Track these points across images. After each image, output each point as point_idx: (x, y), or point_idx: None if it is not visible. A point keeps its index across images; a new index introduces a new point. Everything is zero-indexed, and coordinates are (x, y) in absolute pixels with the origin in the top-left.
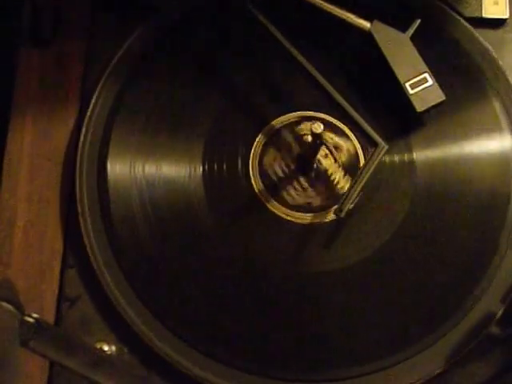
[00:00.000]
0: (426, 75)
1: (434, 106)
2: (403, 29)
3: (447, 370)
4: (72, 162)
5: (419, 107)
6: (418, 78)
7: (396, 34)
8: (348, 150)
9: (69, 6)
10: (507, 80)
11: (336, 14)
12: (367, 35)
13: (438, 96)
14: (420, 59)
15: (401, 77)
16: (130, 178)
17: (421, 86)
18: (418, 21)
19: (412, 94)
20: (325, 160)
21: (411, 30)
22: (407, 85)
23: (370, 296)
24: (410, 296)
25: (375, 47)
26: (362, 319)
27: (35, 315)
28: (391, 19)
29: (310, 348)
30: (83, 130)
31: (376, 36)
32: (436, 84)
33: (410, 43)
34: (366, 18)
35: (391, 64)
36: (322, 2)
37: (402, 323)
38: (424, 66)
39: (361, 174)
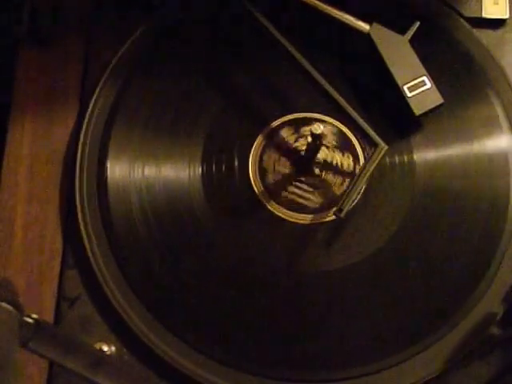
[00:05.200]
0: (425, 78)
1: (432, 110)
2: (403, 30)
3: (448, 371)
4: (72, 163)
5: (417, 110)
6: (416, 81)
7: (395, 36)
8: (331, 132)
9: (68, 6)
10: (507, 80)
11: (335, 15)
12: (366, 37)
13: (436, 99)
14: (418, 62)
15: (399, 79)
16: (130, 178)
17: (419, 89)
18: (417, 23)
19: (410, 97)
20: (320, 154)
21: (410, 33)
22: (405, 88)
23: (370, 296)
24: (409, 296)
25: (374, 49)
26: (362, 320)
27: (35, 315)
28: (391, 20)
29: (310, 348)
30: (83, 130)
31: (375, 38)
32: (434, 87)
33: (409, 46)
34: (365, 20)
35: (389, 67)
36: (320, 4)
37: (403, 324)
38: (422, 69)
39: (360, 174)
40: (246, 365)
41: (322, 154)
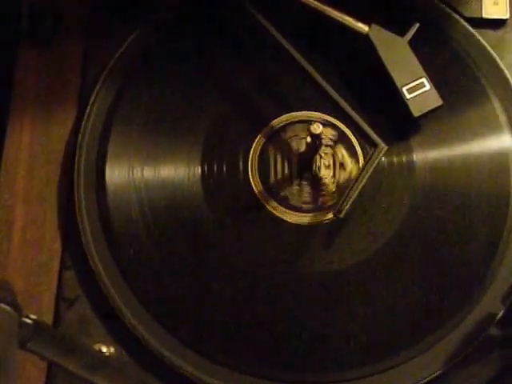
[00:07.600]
0: (424, 80)
1: (431, 111)
2: (402, 31)
3: (447, 372)
4: (71, 163)
5: (416, 112)
6: (415, 83)
7: (394, 38)
8: (350, 173)
9: (68, 6)
10: (507, 80)
11: (334, 16)
12: (365, 38)
13: (436, 101)
14: (418, 64)
15: (398, 81)
16: (129, 179)
17: (418, 91)
18: (417, 25)
19: (409, 99)
20: (324, 170)
21: (410, 34)
22: (404, 89)
23: (370, 297)
24: (409, 297)
25: (373, 50)
26: (362, 320)
27: (33, 316)
28: (390, 21)
29: (310, 349)
30: (82, 130)
31: (374, 40)
32: (433, 89)
33: (408, 47)
34: (364, 21)
35: (389, 68)
36: (320, 5)
37: (402, 324)
38: (421, 71)
39: (360, 174)
40: (244, 366)
41: (325, 173)
